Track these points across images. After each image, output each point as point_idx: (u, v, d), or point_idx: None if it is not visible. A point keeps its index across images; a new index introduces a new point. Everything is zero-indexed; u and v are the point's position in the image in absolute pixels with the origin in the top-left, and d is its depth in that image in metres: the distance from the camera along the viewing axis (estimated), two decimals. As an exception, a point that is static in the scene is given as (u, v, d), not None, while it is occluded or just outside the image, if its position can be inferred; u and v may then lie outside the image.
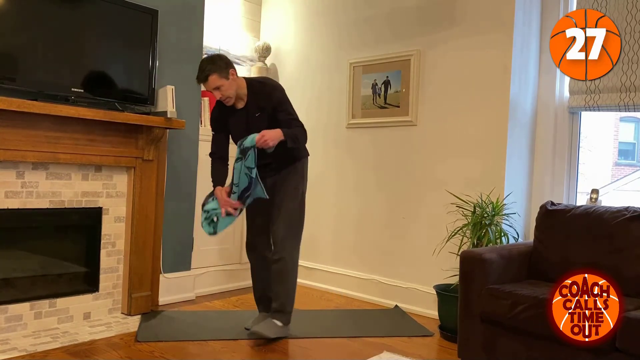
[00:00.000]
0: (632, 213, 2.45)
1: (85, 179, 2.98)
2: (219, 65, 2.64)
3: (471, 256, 2.46)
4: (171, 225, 3.39)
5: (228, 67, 2.67)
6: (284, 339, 2.83)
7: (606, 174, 4.50)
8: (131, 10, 3.03)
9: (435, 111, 3.48)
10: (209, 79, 2.64)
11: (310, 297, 3.82)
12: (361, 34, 3.89)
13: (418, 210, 3.54)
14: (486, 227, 2.87)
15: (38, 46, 2.69)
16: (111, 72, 3.00)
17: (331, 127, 4.05)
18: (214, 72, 2.63)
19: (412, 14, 3.60)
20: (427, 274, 3.38)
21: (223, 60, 2.68)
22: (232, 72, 2.68)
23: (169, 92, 3.13)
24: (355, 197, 3.89)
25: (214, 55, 2.72)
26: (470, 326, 2.44)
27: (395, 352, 2.66)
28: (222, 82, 2.64)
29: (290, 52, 4.35)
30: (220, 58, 2.69)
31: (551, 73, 3.30)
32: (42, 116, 2.67)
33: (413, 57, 3.55)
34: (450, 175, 3.37)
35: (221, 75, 2.64)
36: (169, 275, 3.41)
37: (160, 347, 2.64)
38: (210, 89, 2.68)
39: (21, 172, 2.72)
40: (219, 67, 2.64)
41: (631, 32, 2.97)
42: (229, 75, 2.66)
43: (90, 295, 3.04)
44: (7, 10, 2.57)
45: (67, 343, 2.62)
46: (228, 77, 2.66)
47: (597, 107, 3.12)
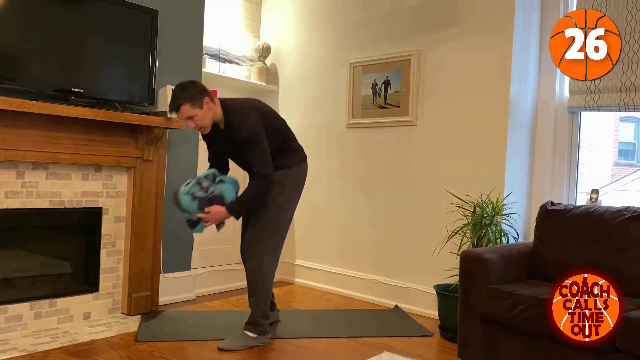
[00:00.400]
0: (632, 213, 2.45)
1: (85, 179, 2.98)
2: (192, 93, 2.52)
3: (471, 256, 2.46)
4: (171, 225, 3.39)
5: (202, 95, 2.54)
6: (284, 339, 2.83)
7: (606, 174, 4.50)
8: (131, 10, 3.03)
9: (435, 111, 3.48)
10: (180, 109, 2.53)
11: (310, 297, 3.82)
12: (361, 34, 3.89)
13: (418, 210, 3.54)
14: (486, 227, 2.87)
15: (38, 46, 2.69)
16: (111, 72, 3.00)
17: (331, 127, 4.05)
18: (186, 102, 2.51)
19: (412, 14, 3.60)
20: (427, 274, 3.38)
21: (197, 87, 2.56)
22: (207, 101, 2.55)
23: (169, 92, 3.11)
24: (355, 197, 3.89)
25: (188, 83, 2.58)
26: (470, 326, 2.44)
27: (395, 352, 2.66)
28: (195, 111, 2.53)
29: (290, 52, 4.35)
30: (194, 86, 2.57)
31: (551, 73, 3.30)
32: (42, 116, 2.67)
33: (413, 57, 3.55)
34: (450, 175, 3.37)
35: (194, 105, 2.52)
36: (169, 275, 3.41)
37: (160, 347, 2.64)
38: (183, 119, 2.58)
39: (21, 172, 2.72)
40: (192, 95, 2.52)
41: (631, 32, 2.97)
42: (203, 103, 2.54)
43: (90, 295, 3.04)
44: (7, 10, 2.57)
45: (67, 343, 2.62)
46: (202, 106, 2.53)
47: (597, 107, 3.12)
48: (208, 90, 2.61)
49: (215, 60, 4.10)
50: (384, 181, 3.73)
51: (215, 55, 4.10)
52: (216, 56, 4.11)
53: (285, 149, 2.75)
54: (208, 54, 4.02)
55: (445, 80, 3.43)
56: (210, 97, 2.58)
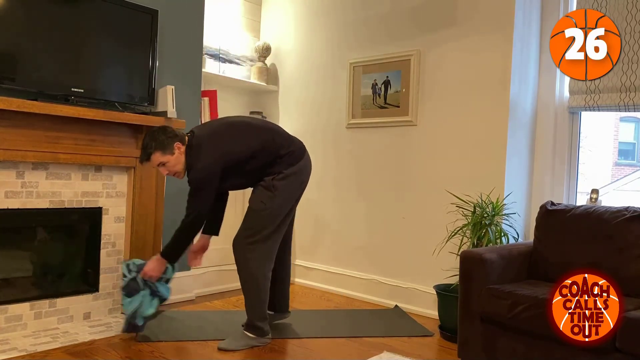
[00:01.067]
0: (632, 213, 2.45)
1: (85, 179, 2.98)
2: (161, 140, 2.50)
3: (471, 256, 2.46)
4: (171, 225, 3.37)
5: (173, 140, 2.52)
6: (284, 339, 2.84)
7: (606, 174, 4.50)
8: (131, 10, 3.03)
9: (435, 111, 3.48)
10: (151, 158, 2.52)
11: (310, 297, 3.82)
12: (361, 34, 3.89)
13: (418, 210, 3.54)
14: (486, 227, 2.87)
15: (38, 46, 2.69)
16: (111, 72, 3.00)
17: (331, 127, 4.05)
18: (156, 150, 2.50)
19: (412, 14, 3.60)
20: (427, 274, 3.38)
21: (166, 134, 2.53)
22: (178, 145, 2.52)
23: (169, 92, 3.13)
24: (355, 197, 3.89)
25: (157, 130, 2.56)
26: (470, 326, 2.44)
27: (395, 352, 2.66)
28: (166, 158, 2.52)
29: (290, 52, 4.35)
30: (164, 132, 2.54)
31: (551, 73, 3.30)
32: (42, 116, 2.67)
33: (413, 57, 3.55)
34: (450, 175, 3.37)
35: (165, 152, 2.51)
36: (169, 275, 3.41)
37: (160, 347, 2.64)
38: (155, 167, 2.58)
39: (21, 172, 2.72)
40: (161, 142, 2.50)
41: (631, 32, 2.97)
42: (174, 149, 2.51)
43: (90, 295, 3.04)
44: (7, 10, 2.57)
45: (67, 343, 2.62)
46: (173, 152, 2.51)
47: (597, 107, 3.12)
48: (180, 135, 2.57)
49: (215, 60, 4.10)
50: (384, 181, 3.73)
51: (215, 55, 4.10)
52: (216, 56, 4.11)
53: (272, 160, 2.66)
54: (208, 54, 4.02)
55: (445, 80, 3.43)
56: (181, 142, 2.54)
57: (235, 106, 4.39)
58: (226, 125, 2.69)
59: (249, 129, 2.68)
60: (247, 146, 2.61)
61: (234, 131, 2.65)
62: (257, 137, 2.65)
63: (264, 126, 2.77)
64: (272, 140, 2.68)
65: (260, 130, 2.70)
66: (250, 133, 2.66)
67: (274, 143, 2.67)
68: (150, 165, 2.60)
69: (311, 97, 4.20)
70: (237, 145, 2.60)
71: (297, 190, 2.76)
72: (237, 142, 2.61)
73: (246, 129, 2.67)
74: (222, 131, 2.64)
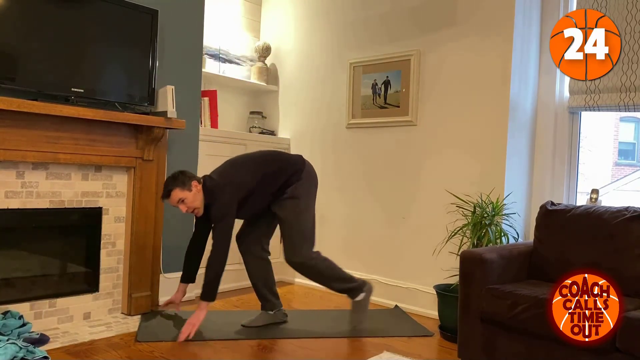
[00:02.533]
0: (632, 213, 2.45)
1: (85, 179, 2.98)
2: (180, 180, 2.76)
3: (471, 256, 2.46)
4: (171, 225, 3.39)
5: (191, 179, 2.78)
6: (285, 339, 2.84)
7: (606, 174, 4.50)
8: (131, 10, 3.03)
9: (435, 111, 3.48)
10: (171, 194, 2.75)
11: (310, 297, 3.82)
12: (361, 34, 3.89)
13: (418, 210, 3.54)
14: (486, 227, 2.87)
15: (38, 46, 2.69)
16: (111, 72, 3.00)
17: (331, 127, 4.05)
18: (175, 187, 2.75)
19: (412, 14, 3.60)
20: (427, 274, 3.38)
21: (185, 174, 2.79)
22: (195, 184, 2.78)
23: (169, 92, 3.13)
24: (355, 197, 3.89)
25: (176, 172, 2.82)
26: (470, 326, 2.44)
27: (395, 352, 2.66)
28: (184, 194, 2.75)
29: (290, 52, 4.35)
30: (182, 173, 2.80)
31: (551, 73, 3.30)
32: (42, 116, 2.67)
33: (413, 57, 3.55)
34: (450, 175, 3.37)
35: (183, 188, 2.75)
36: (169, 275, 3.41)
37: (160, 347, 2.64)
38: (175, 204, 2.78)
39: (21, 172, 2.72)
40: (180, 181, 2.76)
41: (631, 32, 2.97)
42: (192, 187, 2.76)
43: (90, 295, 3.04)
44: (7, 10, 2.57)
45: (67, 343, 2.62)
46: (191, 189, 2.76)
47: (597, 107, 3.12)
48: (197, 177, 2.84)
49: (215, 60, 4.10)
50: (383, 181, 3.73)
51: (215, 55, 4.10)
52: (216, 56, 4.11)
53: (283, 182, 2.91)
54: (208, 54, 4.02)
55: (445, 80, 3.43)
56: (198, 181, 2.80)
57: (236, 106, 4.39)
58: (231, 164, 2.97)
59: (252, 162, 2.97)
60: (252, 176, 2.88)
61: (239, 167, 2.94)
62: (263, 168, 2.92)
63: (265, 157, 3.02)
64: (277, 168, 2.93)
65: (263, 162, 2.96)
66: (255, 165, 2.94)
67: (281, 168, 2.94)
68: (171, 203, 2.80)
69: (311, 97, 4.20)
70: (246, 176, 2.87)
71: (313, 188, 3.06)
72: (245, 173, 2.89)
73: (250, 162, 2.96)
74: (229, 169, 2.93)
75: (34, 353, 2.33)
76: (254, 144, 4.05)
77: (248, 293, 3.83)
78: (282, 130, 4.39)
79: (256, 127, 4.32)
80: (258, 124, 4.34)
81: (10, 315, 2.58)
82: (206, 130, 3.72)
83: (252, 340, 2.80)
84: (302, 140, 4.24)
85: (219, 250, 2.75)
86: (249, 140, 4.01)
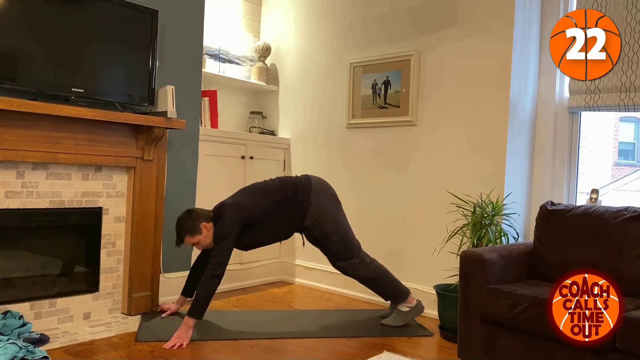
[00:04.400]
0: (632, 213, 2.45)
1: (85, 179, 2.98)
2: (189, 225, 2.85)
3: (471, 256, 2.46)
4: (171, 226, 3.38)
5: (199, 221, 2.85)
6: (285, 339, 2.84)
7: (606, 174, 4.50)
8: (131, 10, 3.03)
9: (435, 111, 3.48)
10: (184, 241, 2.88)
11: (310, 297, 3.82)
12: (361, 34, 3.89)
13: (418, 210, 3.54)
14: (486, 227, 2.87)
15: (38, 46, 2.69)
16: (111, 72, 3.00)
17: (331, 127, 4.05)
18: (186, 234, 2.86)
19: (412, 13, 3.60)
20: (427, 274, 3.38)
21: (192, 218, 2.86)
22: (204, 225, 2.85)
23: (169, 92, 3.13)
24: (355, 197, 3.89)
25: (183, 216, 2.89)
26: (470, 326, 2.44)
27: (395, 352, 2.66)
28: (196, 239, 2.86)
29: (290, 52, 4.35)
30: (189, 217, 2.86)
31: (551, 73, 3.30)
32: (42, 116, 2.67)
33: (413, 57, 3.56)
34: (450, 175, 3.37)
35: (194, 235, 2.85)
36: (169, 275, 3.41)
37: (160, 347, 2.63)
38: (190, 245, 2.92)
39: (21, 172, 2.72)
40: (189, 227, 2.84)
41: (631, 32, 2.97)
42: (202, 229, 2.85)
43: (90, 295, 3.04)
44: (7, 10, 2.57)
45: (67, 343, 2.62)
46: (201, 232, 2.85)
47: (597, 107, 3.12)
48: (205, 215, 2.90)
49: (215, 60, 4.10)
50: (383, 181, 3.73)
51: (215, 55, 4.10)
52: (216, 56, 4.11)
53: (298, 211, 2.99)
54: (208, 54, 4.02)
55: (445, 80, 3.43)
56: (206, 220, 2.87)
57: (236, 106, 4.39)
58: (242, 191, 3.05)
59: (261, 189, 3.03)
60: (260, 201, 2.95)
61: (247, 192, 3.01)
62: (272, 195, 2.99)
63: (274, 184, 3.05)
64: (285, 195, 2.99)
65: (272, 189, 3.02)
66: (264, 192, 3.00)
67: (288, 197, 2.99)
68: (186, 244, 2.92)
69: (311, 97, 4.20)
70: (253, 201, 2.94)
71: (330, 198, 3.09)
72: (251, 198, 2.96)
73: (260, 189, 3.03)
74: (238, 195, 3.00)
75: (34, 353, 2.33)
76: (254, 144, 4.05)
77: (248, 293, 3.84)
78: (282, 130, 4.39)
79: (256, 127, 4.32)
80: (258, 124, 4.34)
81: (10, 315, 2.59)
82: (206, 130, 3.72)
83: (252, 340, 2.80)
84: (302, 140, 4.24)
85: (214, 270, 2.77)
86: (249, 140, 4.02)
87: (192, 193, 3.53)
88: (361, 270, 3.06)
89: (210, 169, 3.73)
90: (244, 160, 3.97)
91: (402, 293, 3.10)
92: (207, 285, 2.76)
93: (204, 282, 2.77)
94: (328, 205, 3.04)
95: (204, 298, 2.76)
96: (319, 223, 2.99)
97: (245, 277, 4.02)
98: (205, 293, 2.76)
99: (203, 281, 2.77)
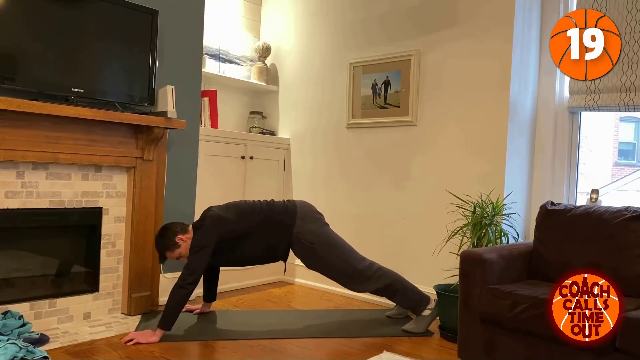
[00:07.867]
0: (632, 213, 2.45)
1: (85, 179, 2.98)
2: (164, 243, 2.88)
3: (471, 256, 2.46)
4: (171, 225, 3.39)
5: (174, 236, 2.87)
6: (285, 339, 2.84)
7: (606, 174, 4.50)
8: (131, 10, 3.03)
9: (435, 111, 3.48)
10: (167, 257, 2.93)
11: (310, 297, 3.82)
12: (361, 34, 3.89)
13: (418, 210, 3.54)
14: (486, 227, 2.87)
15: (38, 46, 2.68)
16: (111, 72, 3.00)
17: (331, 127, 4.05)
18: (165, 251, 2.91)
19: (412, 13, 3.60)
20: (427, 274, 3.38)
21: (166, 235, 2.88)
22: (180, 238, 2.88)
23: (169, 92, 3.13)
24: (355, 197, 3.89)
25: (157, 237, 2.93)
26: (470, 326, 2.44)
27: (395, 352, 2.66)
28: (176, 253, 2.89)
29: (290, 52, 4.35)
30: (163, 234, 2.89)
31: (551, 73, 3.30)
32: (42, 116, 2.67)
33: (413, 57, 3.56)
34: (450, 175, 3.37)
35: (173, 250, 2.89)
36: (169, 275, 3.41)
37: (160, 347, 2.64)
38: (175, 259, 2.95)
39: (21, 172, 2.72)
40: (165, 244, 2.88)
41: (631, 32, 2.97)
42: (178, 242, 2.88)
43: (90, 295, 3.04)
44: (8, 10, 2.57)
45: (67, 343, 2.62)
46: (179, 245, 2.88)
47: (597, 107, 3.12)
48: (180, 227, 2.91)
49: (215, 60, 4.10)
50: (383, 181, 3.73)
51: (215, 55, 4.10)
52: (216, 56, 4.11)
53: (277, 230, 2.98)
54: (208, 54, 4.02)
55: (445, 80, 3.43)
56: (182, 232, 2.89)
57: (235, 106, 4.39)
58: (227, 204, 3.04)
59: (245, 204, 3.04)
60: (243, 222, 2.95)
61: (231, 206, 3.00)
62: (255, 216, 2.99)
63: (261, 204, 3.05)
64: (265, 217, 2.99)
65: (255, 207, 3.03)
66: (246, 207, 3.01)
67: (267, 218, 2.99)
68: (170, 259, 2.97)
69: (311, 97, 4.20)
70: (235, 216, 2.94)
71: (316, 222, 3.05)
72: (234, 213, 2.96)
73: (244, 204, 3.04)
74: (223, 207, 2.99)
75: (34, 353, 2.33)
76: (254, 144, 4.05)
77: (248, 293, 3.84)
78: (282, 130, 4.39)
79: (256, 127, 4.32)
80: (258, 124, 4.34)
81: (10, 315, 2.58)
82: (206, 130, 3.72)
83: (252, 340, 2.80)
84: (302, 140, 4.24)
85: (184, 280, 2.72)
86: (249, 140, 4.02)
87: (192, 193, 3.54)
88: (369, 285, 3.02)
89: (210, 169, 3.73)
90: (244, 160, 3.97)
91: (422, 298, 3.06)
92: (175, 295, 2.70)
93: (172, 291, 2.72)
94: (317, 230, 3.02)
95: (171, 307, 2.70)
96: (313, 249, 2.97)
97: (245, 277, 4.02)
98: (174, 302, 2.70)
99: (172, 290, 2.73)
